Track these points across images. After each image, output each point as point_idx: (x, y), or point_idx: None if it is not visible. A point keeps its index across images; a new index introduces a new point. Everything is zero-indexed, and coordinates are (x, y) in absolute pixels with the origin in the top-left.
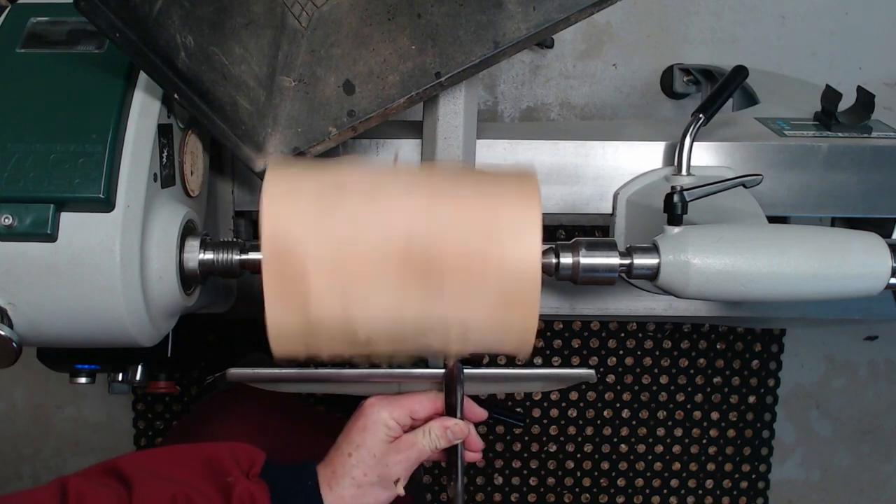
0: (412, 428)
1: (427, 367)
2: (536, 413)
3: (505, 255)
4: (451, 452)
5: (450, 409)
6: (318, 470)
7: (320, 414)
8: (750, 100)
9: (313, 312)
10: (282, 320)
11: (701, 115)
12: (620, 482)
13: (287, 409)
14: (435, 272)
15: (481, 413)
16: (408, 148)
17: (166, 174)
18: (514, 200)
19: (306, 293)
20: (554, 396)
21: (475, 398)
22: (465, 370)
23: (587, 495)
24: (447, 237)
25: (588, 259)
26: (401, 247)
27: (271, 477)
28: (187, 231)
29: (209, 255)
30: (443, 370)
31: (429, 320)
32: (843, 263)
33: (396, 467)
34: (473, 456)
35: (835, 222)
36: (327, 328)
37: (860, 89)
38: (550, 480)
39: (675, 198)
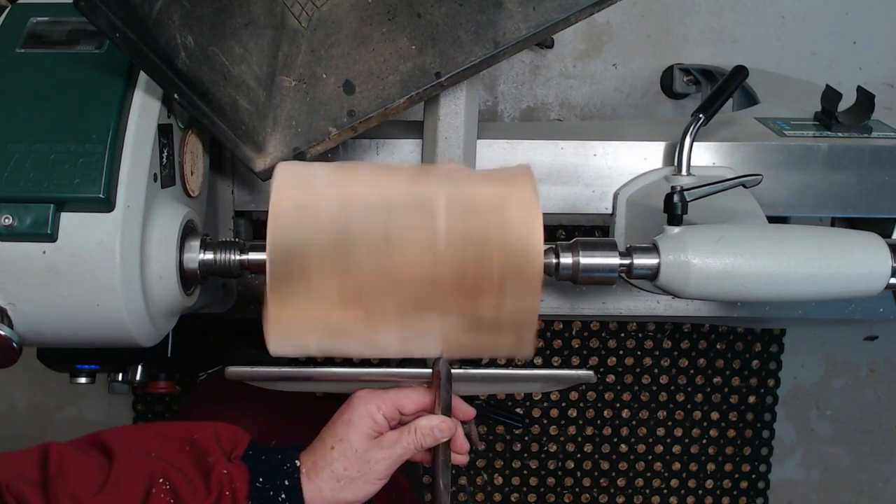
0: (400, 423)
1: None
2: (536, 413)
3: (505, 238)
4: (436, 453)
5: (437, 407)
6: (301, 458)
7: (315, 405)
8: (750, 100)
9: (314, 310)
10: (282, 317)
11: (701, 115)
12: (620, 482)
13: (280, 398)
14: (438, 265)
15: (470, 411)
16: (408, 148)
17: (166, 174)
18: (510, 186)
19: (309, 291)
20: (554, 396)
21: (473, 398)
22: (454, 370)
23: (587, 495)
24: (449, 252)
25: (588, 259)
26: (403, 258)
27: (253, 461)
28: (187, 231)
29: (209, 255)
30: (430, 370)
31: (431, 316)
32: (843, 263)
33: (378, 465)
34: (459, 458)
35: (835, 222)
36: (327, 326)
37: (860, 89)
38: (550, 480)
39: (675, 198)
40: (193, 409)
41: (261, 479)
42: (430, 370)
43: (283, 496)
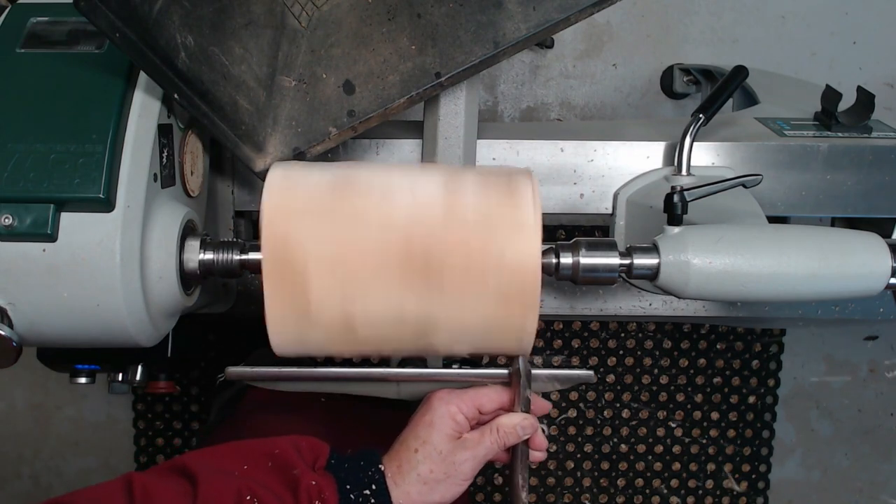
0: (478, 423)
1: (425, 366)
2: None
3: (504, 252)
4: (514, 451)
5: (514, 404)
6: (384, 463)
7: (363, 409)
8: (750, 100)
9: (313, 312)
10: (282, 320)
11: (701, 115)
12: (620, 482)
13: (330, 404)
14: (434, 270)
15: (546, 405)
16: (408, 148)
17: (166, 174)
18: (511, 198)
19: (306, 292)
20: (554, 396)
21: None
22: (534, 370)
23: (587, 495)
24: (446, 236)
25: (588, 259)
26: (401, 246)
27: (337, 469)
28: (187, 231)
29: (209, 255)
30: (507, 370)
31: (429, 319)
32: (843, 263)
33: (464, 465)
34: (538, 455)
35: (835, 222)
36: (327, 327)
37: (860, 89)
38: (550, 480)
39: (675, 198)
40: (241, 421)
41: (348, 487)
42: (506, 370)
43: (372, 502)
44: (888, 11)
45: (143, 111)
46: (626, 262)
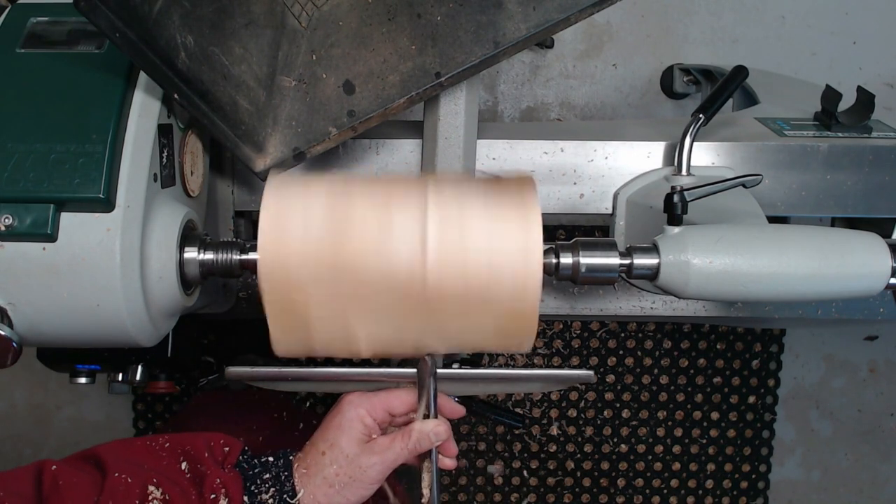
0: (391, 425)
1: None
2: (536, 413)
3: (504, 287)
4: (425, 457)
5: (424, 406)
6: (294, 464)
7: (310, 413)
8: (750, 100)
9: (315, 339)
10: (286, 344)
11: (701, 115)
12: (620, 482)
13: (276, 408)
14: (434, 308)
15: (459, 409)
16: (408, 148)
17: (166, 174)
18: (515, 230)
19: (307, 326)
20: (554, 396)
21: (472, 398)
22: (438, 370)
23: (587, 495)
24: (448, 271)
25: (588, 259)
26: (399, 293)
27: (246, 468)
28: (187, 231)
29: (209, 255)
30: (414, 369)
31: (426, 341)
32: (843, 263)
33: (371, 470)
34: (448, 462)
35: (835, 222)
36: (329, 347)
37: (860, 89)
38: (550, 480)
39: (675, 198)
40: (187, 422)
41: (255, 487)
42: (413, 370)
43: (278, 501)
44: (888, 11)
45: (143, 111)
46: (626, 262)
